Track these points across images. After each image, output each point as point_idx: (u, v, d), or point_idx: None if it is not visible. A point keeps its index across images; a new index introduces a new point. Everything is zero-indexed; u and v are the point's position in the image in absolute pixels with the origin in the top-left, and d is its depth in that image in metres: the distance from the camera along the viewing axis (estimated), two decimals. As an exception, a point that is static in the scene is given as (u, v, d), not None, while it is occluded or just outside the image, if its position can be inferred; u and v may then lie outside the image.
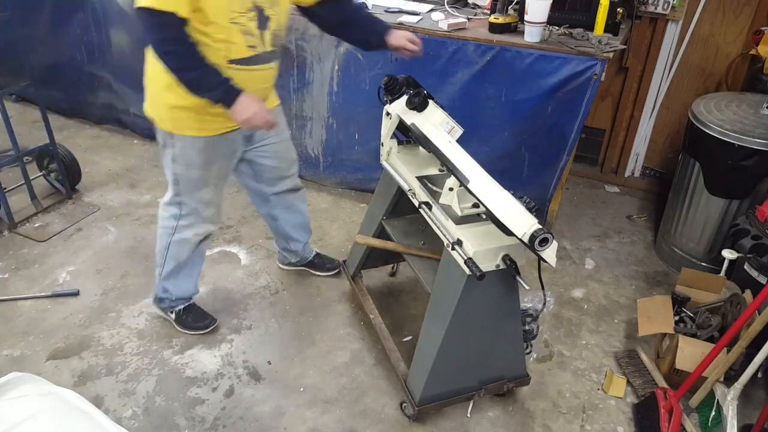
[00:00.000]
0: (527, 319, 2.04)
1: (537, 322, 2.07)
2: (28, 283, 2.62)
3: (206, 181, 2.08)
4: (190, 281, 2.36)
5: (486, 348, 1.95)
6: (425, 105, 1.90)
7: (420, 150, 2.13)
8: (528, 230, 1.54)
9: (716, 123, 2.44)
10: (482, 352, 1.96)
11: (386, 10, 2.89)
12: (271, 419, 2.05)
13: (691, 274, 2.36)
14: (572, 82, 2.51)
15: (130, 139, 3.85)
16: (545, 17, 2.50)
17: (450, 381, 1.98)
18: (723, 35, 3.04)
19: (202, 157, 2.00)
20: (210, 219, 2.21)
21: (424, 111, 1.91)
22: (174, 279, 2.30)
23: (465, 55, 2.65)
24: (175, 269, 2.27)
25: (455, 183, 1.80)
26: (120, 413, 2.06)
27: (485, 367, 2.00)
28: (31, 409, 1.04)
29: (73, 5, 3.53)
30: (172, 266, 2.26)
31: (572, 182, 3.51)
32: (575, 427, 2.06)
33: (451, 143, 1.83)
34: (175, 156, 2.01)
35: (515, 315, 1.94)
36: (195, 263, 2.32)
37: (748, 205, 2.45)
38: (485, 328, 1.90)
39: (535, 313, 2.05)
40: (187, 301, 2.40)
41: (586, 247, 2.99)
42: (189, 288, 2.37)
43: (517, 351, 2.02)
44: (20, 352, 2.28)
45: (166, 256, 2.24)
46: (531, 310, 2.05)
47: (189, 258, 2.26)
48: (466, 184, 1.70)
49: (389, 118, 2.04)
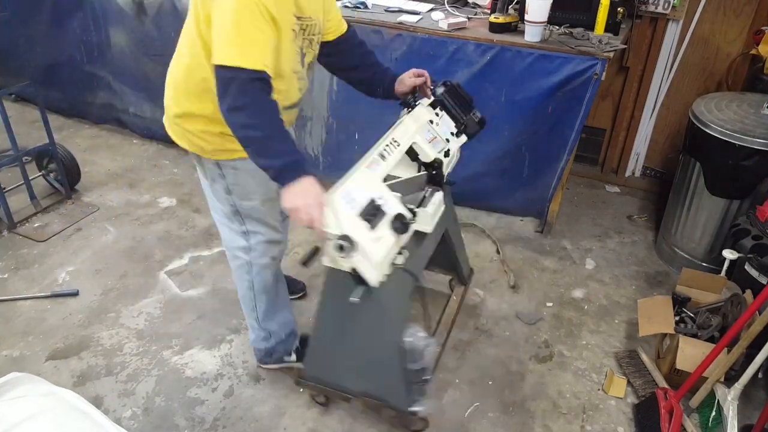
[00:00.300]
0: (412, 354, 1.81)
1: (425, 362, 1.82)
2: (28, 284, 2.61)
3: (267, 204, 1.86)
4: (288, 310, 2.15)
5: (359, 355, 1.85)
6: (411, 107, 1.86)
7: None
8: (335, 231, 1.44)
9: (717, 123, 2.43)
10: (356, 357, 1.86)
11: (386, 10, 2.89)
12: (271, 419, 2.05)
13: (691, 275, 2.35)
14: (573, 81, 2.51)
15: (130, 139, 3.85)
16: (545, 17, 2.49)
17: (328, 370, 1.94)
18: (723, 35, 3.03)
19: (258, 179, 1.73)
20: (280, 236, 1.98)
21: (412, 111, 1.85)
22: (273, 315, 2.09)
23: (465, 54, 2.65)
24: (270, 304, 2.07)
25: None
26: (119, 413, 2.06)
27: (362, 376, 1.89)
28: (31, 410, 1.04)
29: (72, 5, 3.53)
30: (265, 303, 2.05)
31: (572, 182, 3.51)
32: (575, 427, 2.06)
33: (394, 142, 1.70)
34: (228, 187, 1.80)
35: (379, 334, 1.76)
36: (283, 287, 2.12)
37: (749, 205, 2.44)
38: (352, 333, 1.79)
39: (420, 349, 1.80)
40: (296, 334, 2.20)
41: (587, 247, 2.99)
42: (290, 317, 2.16)
43: (393, 378, 1.83)
44: (20, 352, 2.28)
45: (254, 297, 2.03)
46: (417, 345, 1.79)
47: (276, 283, 2.05)
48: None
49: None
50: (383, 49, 2.78)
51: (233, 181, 1.78)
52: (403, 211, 1.58)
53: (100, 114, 3.94)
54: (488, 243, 2.99)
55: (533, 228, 3.10)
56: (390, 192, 1.60)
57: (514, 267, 2.81)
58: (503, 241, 2.99)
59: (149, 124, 3.68)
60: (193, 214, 3.14)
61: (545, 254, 2.92)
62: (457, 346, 2.36)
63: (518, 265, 2.83)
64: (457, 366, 2.27)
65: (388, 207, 1.56)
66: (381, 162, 1.63)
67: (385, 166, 1.63)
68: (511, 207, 3.14)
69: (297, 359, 2.17)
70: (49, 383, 1.14)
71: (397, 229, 1.54)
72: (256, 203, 1.84)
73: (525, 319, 2.50)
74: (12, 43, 2.84)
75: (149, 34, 3.30)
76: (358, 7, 2.91)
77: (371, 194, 1.55)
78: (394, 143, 1.70)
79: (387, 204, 1.56)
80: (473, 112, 1.94)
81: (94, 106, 3.91)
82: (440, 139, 1.85)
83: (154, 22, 3.24)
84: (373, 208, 1.52)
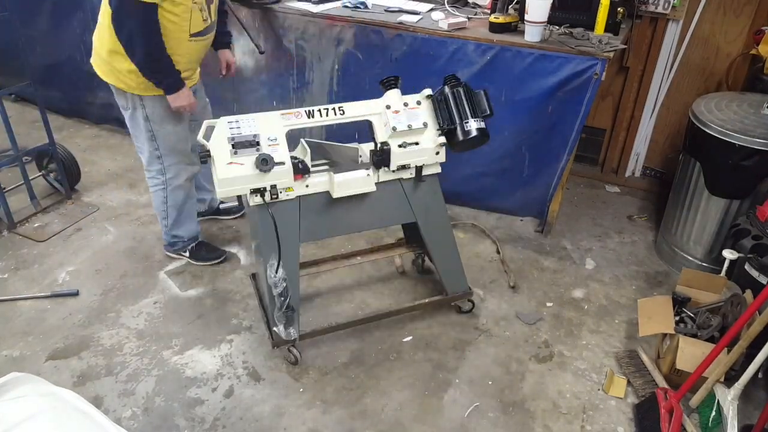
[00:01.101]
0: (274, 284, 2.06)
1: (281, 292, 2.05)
2: (28, 284, 2.61)
3: (178, 132, 2.41)
4: (193, 221, 2.70)
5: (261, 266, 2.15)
6: (388, 88, 2.05)
7: None
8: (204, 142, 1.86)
9: (717, 123, 2.43)
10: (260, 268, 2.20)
11: (386, 10, 2.89)
12: (271, 419, 2.05)
13: (691, 275, 2.35)
14: (573, 81, 2.51)
15: (129, 139, 3.81)
16: (545, 17, 2.49)
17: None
18: (724, 35, 3.03)
19: (170, 111, 2.30)
20: (191, 161, 2.51)
21: (387, 93, 2.04)
22: (180, 225, 2.63)
23: (465, 54, 2.65)
24: (179, 216, 2.60)
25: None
26: (119, 413, 2.06)
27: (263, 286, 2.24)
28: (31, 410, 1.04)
29: (72, 5, 3.53)
30: (175, 215, 2.59)
31: (573, 182, 3.51)
32: (576, 427, 2.06)
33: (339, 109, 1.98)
34: (147, 115, 2.32)
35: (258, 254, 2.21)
36: (192, 203, 2.66)
37: (749, 205, 2.44)
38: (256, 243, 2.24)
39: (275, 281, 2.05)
40: (197, 239, 2.73)
41: (587, 247, 2.99)
42: (194, 228, 2.71)
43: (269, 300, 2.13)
44: (20, 352, 2.28)
45: (167, 209, 2.56)
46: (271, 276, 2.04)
47: (186, 200, 2.59)
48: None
49: None
50: (383, 49, 2.78)
51: (151, 111, 2.31)
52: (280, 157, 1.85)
53: (100, 114, 3.94)
54: (488, 243, 2.99)
55: (533, 228, 3.10)
56: (284, 139, 1.89)
57: (514, 267, 2.81)
58: (503, 241, 2.99)
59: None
60: (193, 214, 3.14)
61: (545, 254, 2.92)
62: (457, 346, 2.36)
63: (518, 265, 2.83)
64: (457, 366, 2.27)
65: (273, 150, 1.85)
66: (302, 116, 1.94)
67: (304, 121, 1.94)
68: (511, 207, 3.14)
69: (189, 256, 2.74)
70: (49, 383, 1.14)
71: (257, 165, 1.83)
72: (169, 129, 2.38)
73: (525, 319, 2.50)
74: (12, 43, 2.83)
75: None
76: (358, 7, 2.91)
77: (263, 133, 1.87)
78: (338, 110, 1.98)
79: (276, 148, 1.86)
80: (466, 121, 1.97)
81: (94, 106, 3.91)
82: (401, 128, 1.98)
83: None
84: (248, 142, 1.83)
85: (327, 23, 2.85)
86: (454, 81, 2.03)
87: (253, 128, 1.87)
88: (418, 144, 2.02)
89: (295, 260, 2.10)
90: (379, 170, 2.05)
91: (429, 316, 2.49)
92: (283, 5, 2.93)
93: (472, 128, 1.96)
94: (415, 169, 2.08)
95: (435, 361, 2.29)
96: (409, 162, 2.05)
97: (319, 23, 2.87)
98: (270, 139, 1.87)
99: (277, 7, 2.93)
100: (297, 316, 2.15)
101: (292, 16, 2.91)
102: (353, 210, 2.09)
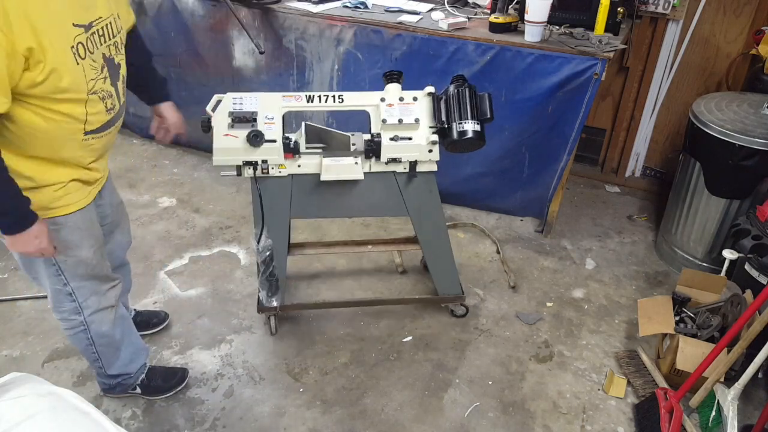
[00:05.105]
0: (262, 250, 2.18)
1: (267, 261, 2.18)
2: (28, 283, 2.61)
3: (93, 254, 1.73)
4: (132, 345, 2.02)
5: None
6: (389, 82, 2.09)
7: None
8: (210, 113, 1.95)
9: (717, 123, 2.43)
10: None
11: (386, 10, 2.89)
12: (271, 419, 2.05)
13: (691, 275, 2.35)
14: (573, 81, 2.51)
15: (129, 139, 3.85)
16: (545, 17, 2.49)
17: None
18: (724, 35, 3.03)
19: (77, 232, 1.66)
20: (110, 280, 1.85)
21: (387, 86, 2.07)
22: (119, 361, 1.98)
23: (465, 54, 2.65)
24: (115, 352, 1.95)
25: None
26: (119, 413, 2.06)
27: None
28: (31, 410, 1.04)
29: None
30: (110, 353, 1.94)
31: (573, 182, 3.51)
32: (575, 427, 2.06)
33: (339, 96, 2.03)
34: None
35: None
36: (126, 320, 1.99)
37: (749, 205, 2.44)
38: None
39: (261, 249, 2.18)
40: (145, 367, 2.09)
41: (587, 247, 2.99)
42: (138, 352, 2.05)
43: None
44: (19, 352, 2.28)
45: (97, 351, 1.91)
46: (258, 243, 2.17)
47: (118, 323, 1.92)
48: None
49: None
50: (383, 49, 2.78)
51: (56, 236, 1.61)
52: (273, 135, 1.95)
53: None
54: (488, 243, 2.99)
55: (533, 228, 3.10)
56: (280, 119, 1.98)
57: (514, 267, 2.81)
58: (503, 241, 2.99)
59: (149, 124, 3.66)
60: (193, 214, 3.14)
61: (545, 254, 2.92)
62: (456, 346, 2.36)
63: (518, 265, 2.83)
64: (457, 366, 2.27)
65: (268, 128, 1.95)
66: (302, 99, 2.00)
67: (303, 105, 2.00)
68: (511, 207, 3.14)
69: (142, 392, 2.08)
70: (49, 383, 1.14)
71: (248, 139, 1.92)
72: (79, 255, 1.69)
73: (525, 319, 2.50)
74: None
75: (149, 33, 3.29)
76: (358, 7, 2.91)
77: (262, 111, 1.97)
78: (338, 97, 2.03)
79: (271, 127, 1.95)
80: (463, 122, 1.97)
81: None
82: (385, 115, 2.01)
83: (153, 21, 3.24)
84: (246, 118, 1.94)
85: (327, 23, 2.85)
86: (460, 81, 2.03)
87: (254, 106, 1.98)
88: (411, 139, 2.02)
89: (285, 233, 2.21)
90: (371, 160, 2.07)
91: (429, 316, 2.49)
92: (283, 5, 2.93)
93: (468, 129, 1.96)
94: (409, 164, 2.09)
95: (435, 361, 2.29)
96: (400, 156, 2.05)
97: (319, 23, 2.87)
98: (267, 118, 1.97)
99: (277, 7, 2.93)
100: (282, 287, 2.28)
101: (292, 16, 2.91)
102: (344, 195, 2.14)
